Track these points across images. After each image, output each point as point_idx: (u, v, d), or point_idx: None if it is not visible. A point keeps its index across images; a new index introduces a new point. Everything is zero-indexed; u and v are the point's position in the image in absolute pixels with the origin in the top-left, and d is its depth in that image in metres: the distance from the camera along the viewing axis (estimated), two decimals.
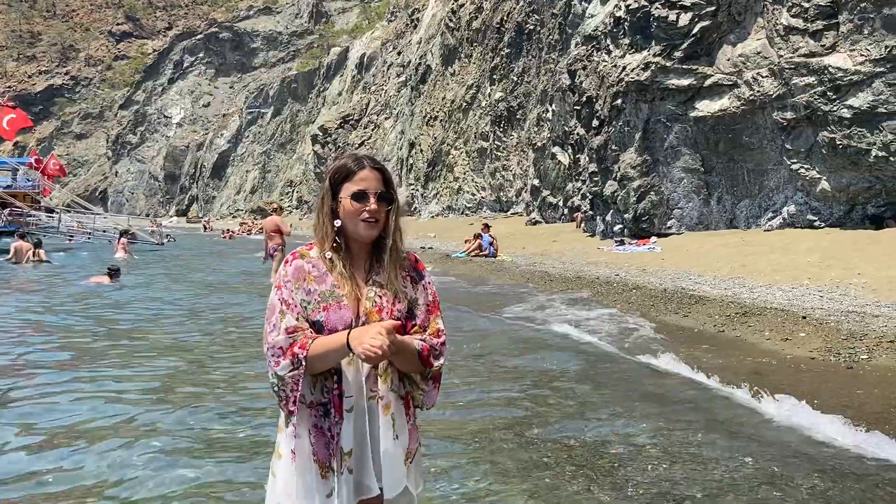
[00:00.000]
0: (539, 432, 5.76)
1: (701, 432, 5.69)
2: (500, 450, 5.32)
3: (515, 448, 5.37)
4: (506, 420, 6.09)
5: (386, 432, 2.53)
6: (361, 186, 2.59)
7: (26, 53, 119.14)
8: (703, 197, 20.71)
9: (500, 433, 5.72)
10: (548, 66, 35.83)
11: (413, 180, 52.77)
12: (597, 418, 6.13)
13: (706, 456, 5.16)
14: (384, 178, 2.64)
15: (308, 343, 2.49)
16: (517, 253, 22.89)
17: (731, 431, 5.74)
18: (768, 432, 5.76)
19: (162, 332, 10.81)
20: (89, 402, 6.68)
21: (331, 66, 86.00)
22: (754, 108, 19.04)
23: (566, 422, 6.05)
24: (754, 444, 5.43)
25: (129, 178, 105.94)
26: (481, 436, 5.66)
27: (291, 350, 2.49)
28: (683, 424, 5.92)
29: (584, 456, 5.21)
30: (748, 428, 5.85)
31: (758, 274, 13.84)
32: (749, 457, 5.12)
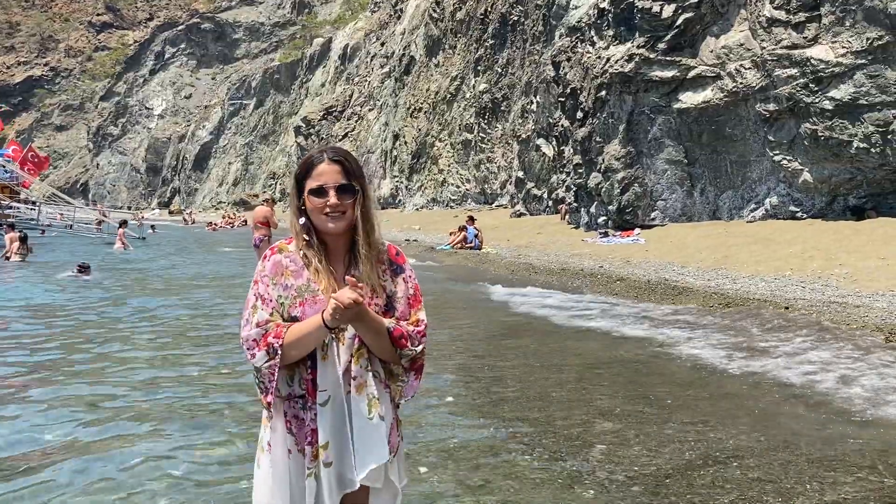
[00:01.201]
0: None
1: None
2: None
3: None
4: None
5: (361, 414, 2.51)
6: (320, 182, 2.57)
7: (4, 44, 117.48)
8: (686, 188, 20.81)
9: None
10: (532, 57, 35.81)
11: (397, 172, 52.64)
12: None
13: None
14: (345, 169, 2.60)
15: (283, 331, 2.49)
16: (502, 245, 22.91)
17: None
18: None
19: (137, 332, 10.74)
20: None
21: (314, 57, 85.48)
22: (737, 99, 19.13)
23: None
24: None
25: (110, 171, 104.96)
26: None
27: (265, 340, 2.49)
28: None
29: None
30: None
31: (741, 265, 13.93)
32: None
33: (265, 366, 2.50)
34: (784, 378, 6.88)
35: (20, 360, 8.26)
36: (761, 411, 5.95)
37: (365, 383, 2.54)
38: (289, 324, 2.51)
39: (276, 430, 2.57)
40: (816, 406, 6.04)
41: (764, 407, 6.07)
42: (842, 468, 4.63)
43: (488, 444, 5.29)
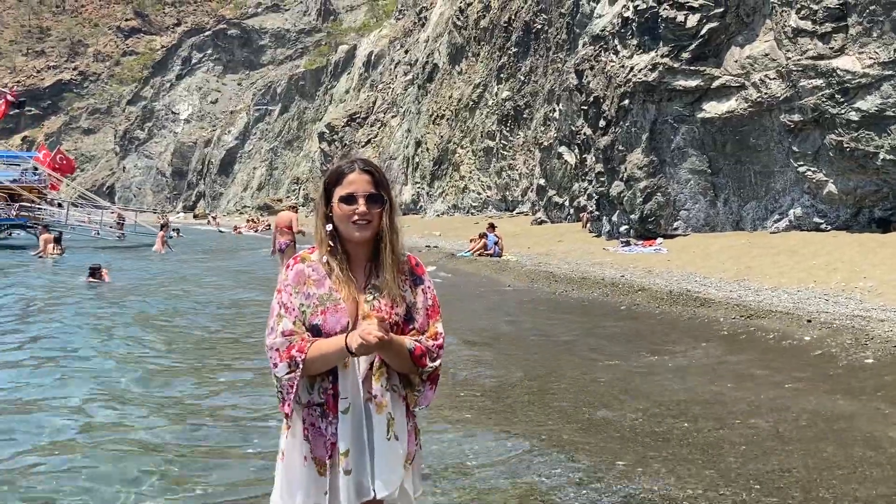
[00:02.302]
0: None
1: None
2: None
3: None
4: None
5: (380, 431, 2.55)
6: (350, 190, 2.61)
7: (35, 48, 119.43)
8: (709, 198, 20.68)
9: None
10: (555, 65, 35.78)
11: (419, 179, 52.77)
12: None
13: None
14: (374, 180, 2.64)
15: (306, 346, 2.53)
16: (522, 253, 22.88)
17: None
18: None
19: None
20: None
21: (338, 64, 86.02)
22: (762, 110, 19.00)
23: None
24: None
25: (136, 174, 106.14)
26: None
27: (289, 352, 2.53)
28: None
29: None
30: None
31: (763, 276, 13.82)
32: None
33: (286, 377, 2.55)
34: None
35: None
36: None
37: (385, 403, 2.58)
38: (314, 339, 2.55)
39: (295, 437, 2.62)
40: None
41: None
42: None
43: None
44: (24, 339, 10.02)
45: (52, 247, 23.84)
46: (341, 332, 2.54)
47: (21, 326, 11.06)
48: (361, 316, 2.57)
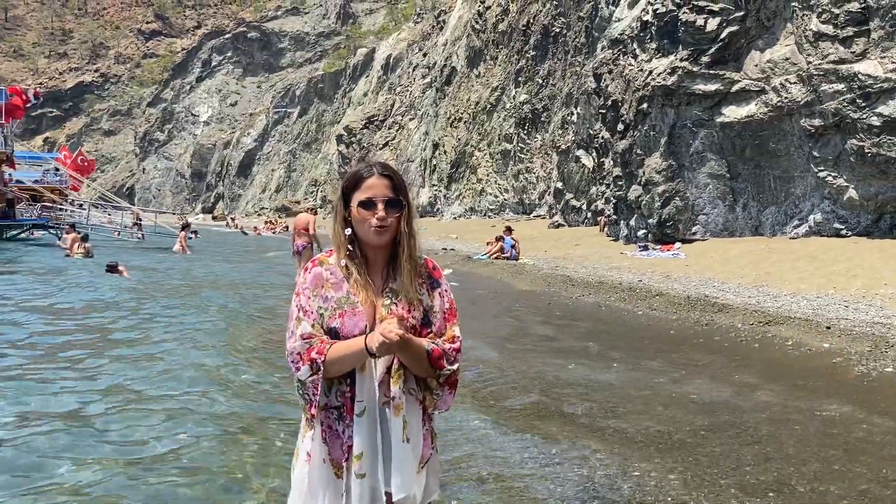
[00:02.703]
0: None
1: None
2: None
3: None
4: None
5: (397, 434, 2.56)
6: (369, 194, 2.61)
7: (58, 50, 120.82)
8: (728, 203, 20.55)
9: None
10: (573, 69, 35.73)
11: (436, 181, 52.84)
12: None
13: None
14: (393, 185, 2.64)
15: (325, 348, 2.54)
16: (539, 256, 22.85)
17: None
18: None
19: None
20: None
21: (357, 67, 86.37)
22: (782, 114, 18.86)
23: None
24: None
25: (156, 175, 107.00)
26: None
27: (309, 355, 2.55)
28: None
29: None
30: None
31: (782, 282, 13.72)
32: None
33: (309, 380, 2.56)
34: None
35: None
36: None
37: (402, 405, 2.59)
38: (332, 341, 2.56)
39: (314, 440, 2.63)
40: None
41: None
42: None
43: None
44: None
45: (78, 245, 24.24)
46: (359, 335, 2.56)
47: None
48: (379, 319, 2.59)
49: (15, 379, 7.22)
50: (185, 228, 32.60)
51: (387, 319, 2.50)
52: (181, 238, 31.01)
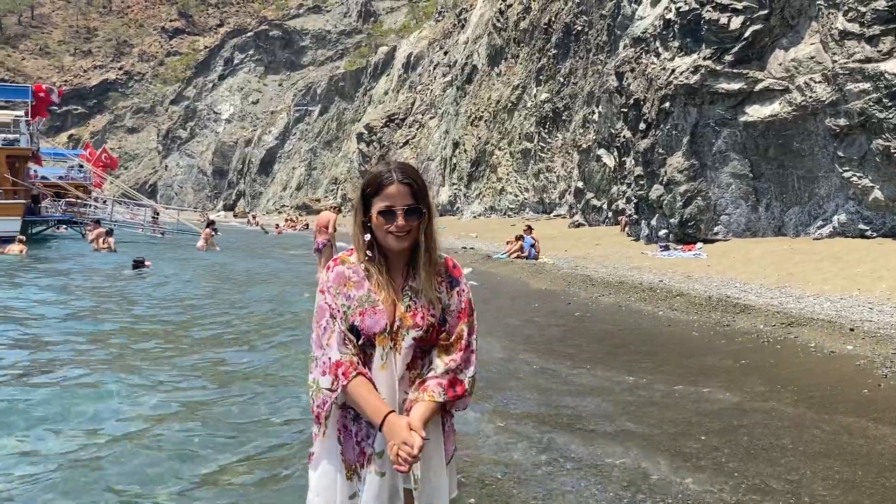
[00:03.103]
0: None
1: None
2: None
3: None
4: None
5: None
6: (388, 203, 2.60)
7: (82, 48, 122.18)
8: (751, 203, 20.36)
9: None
10: (595, 67, 35.55)
11: (456, 180, 52.80)
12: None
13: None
14: (413, 191, 2.63)
15: (351, 375, 2.55)
16: (559, 255, 22.77)
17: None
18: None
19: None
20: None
21: (378, 65, 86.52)
22: (806, 114, 18.64)
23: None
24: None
25: (178, 173, 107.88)
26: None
27: (335, 371, 2.56)
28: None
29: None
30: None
31: (805, 283, 13.57)
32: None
33: (325, 390, 2.56)
34: None
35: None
36: None
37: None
38: (360, 369, 2.56)
39: (329, 439, 2.64)
40: None
41: None
42: None
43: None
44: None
45: (103, 240, 24.64)
46: (380, 333, 2.57)
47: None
48: (399, 317, 2.59)
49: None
50: (210, 226, 32.83)
51: (414, 436, 2.45)
52: (205, 235, 31.24)
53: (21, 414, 6.15)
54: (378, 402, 2.53)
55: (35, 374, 7.68)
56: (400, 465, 2.41)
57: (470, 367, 2.66)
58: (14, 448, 5.43)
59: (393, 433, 2.44)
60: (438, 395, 2.57)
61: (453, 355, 2.62)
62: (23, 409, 6.29)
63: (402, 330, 2.59)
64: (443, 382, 2.58)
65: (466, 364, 2.65)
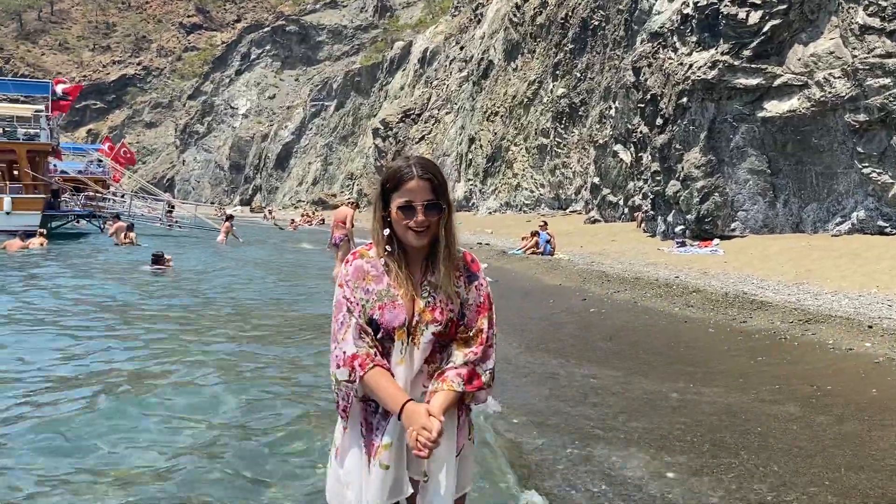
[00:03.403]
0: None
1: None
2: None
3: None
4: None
5: None
6: (408, 198, 2.60)
7: (101, 44, 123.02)
8: (768, 199, 20.22)
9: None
10: (612, 62, 35.38)
11: (471, 175, 52.75)
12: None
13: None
14: (433, 187, 2.63)
15: (368, 366, 2.56)
16: (575, 251, 22.72)
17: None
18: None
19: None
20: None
21: (394, 61, 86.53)
22: (825, 109, 18.48)
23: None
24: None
25: (195, 167, 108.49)
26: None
27: (352, 363, 2.57)
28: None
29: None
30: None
31: (824, 280, 13.47)
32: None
33: (344, 382, 2.59)
34: None
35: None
36: None
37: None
38: (378, 361, 2.57)
39: (352, 430, 2.66)
40: None
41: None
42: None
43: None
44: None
45: (125, 235, 24.88)
46: (399, 328, 2.58)
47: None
48: (418, 312, 2.60)
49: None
50: (229, 220, 32.99)
51: (433, 422, 2.46)
52: (225, 228, 31.39)
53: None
54: (396, 390, 2.54)
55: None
56: (420, 451, 2.41)
57: (488, 361, 2.66)
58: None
59: (412, 419, 2.45)
60: (458, 385, 2.58)
61: (473, 348, 2.63)
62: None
63: (420, 325, 2.59)
64: (462, 373, 2.59)
65: (485, 358, 2.65)
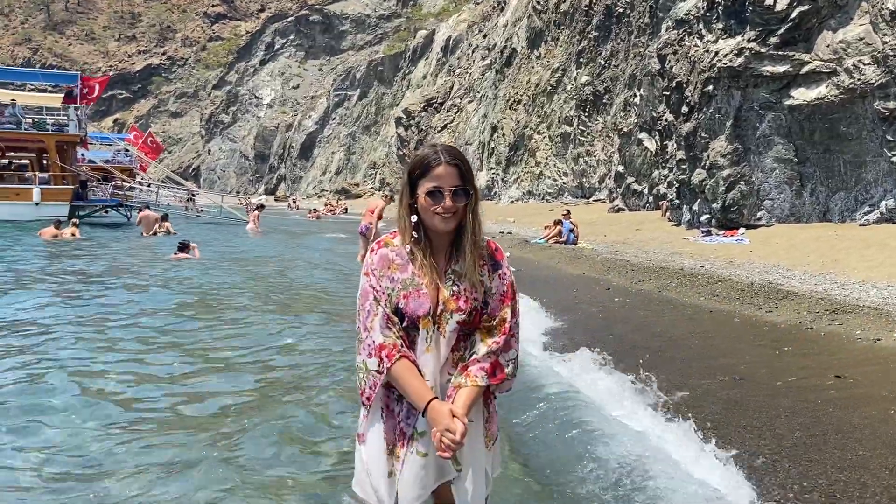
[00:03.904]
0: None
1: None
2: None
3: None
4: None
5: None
6: (436, 183, 2.62)
7: (127, 34, 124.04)
8: (795, 188, 20.00)
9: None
10: (637, 49, 35.09)
11: (494, 164, 52.63)
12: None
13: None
14: (460, 173, 2.65)
15: (394, 357, 2.58)
16: (598, 241, 22.63)
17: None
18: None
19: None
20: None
21: (417, 49, 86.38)
22: (854, 97, 18.22)
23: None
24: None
25: (220, 157, 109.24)
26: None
27: (380, 353, 2.60)
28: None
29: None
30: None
31: (851, 270, 13.32)
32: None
33: (373, 372, 2.62)
34: None
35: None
36: None
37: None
38: (403, 352, 2.60)
39: (375, 415, 2.69)
40: None
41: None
42: None
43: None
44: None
45: (159, 224, 25.17)
46: (423, 316, 2.60)
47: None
48: (442, 301, 2.61)
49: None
50: (260, 209, 33.20)
51: (457, 424, 2.48)
52: (254, 216, 31.59)
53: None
54: (422, 386, 2.55)
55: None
56: (444, 452, 2.44)
57: (511, 351, 2.68)
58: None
59: (436, 420, 2.48)
60: (481, 380, 2.59)
61: (496, 338, 2.64)
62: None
63: (445, 314, 2.61)
64: (485, 366, 2.60)
65: (507, 347, 2.66)
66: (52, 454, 5.00)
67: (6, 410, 5.82)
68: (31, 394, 6.27)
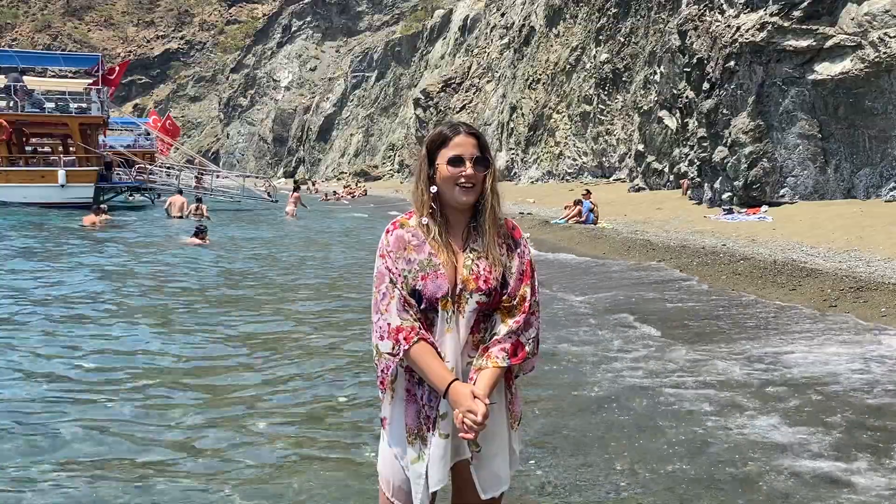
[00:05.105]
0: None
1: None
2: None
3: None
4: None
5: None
6: (457, 151, 2.61)
7: (145, 19, 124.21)
8: (819, 165, 19.72)
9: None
10: (657, 26, 34.64)
11: (513, 145, 52.37)
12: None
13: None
14: (480, 144, 2.65)
15: (413, 340, 2.55)
16: (618, 220, 22.50)
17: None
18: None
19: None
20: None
21: (434, 29, 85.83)
22: (880, 70, 17.88)
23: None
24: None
25: (239, 140, 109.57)
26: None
27: (396, 335, 2.56)
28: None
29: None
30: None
31: (876, 247, 13.15)
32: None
33: (386, 354, 2.59)
34: None
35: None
36: None
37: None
38: (422, 334, 2.56)
39: (395, 401, 2.68)
40: None
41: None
42: None
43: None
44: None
45: (196, 207, 25.50)
46: (442, 298, 2.58)
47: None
48: (461, 280, 2.59)
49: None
50: (297, 190, 32.56)
51: (478, 404, 2.46)
52: (294, 199, 30.88)
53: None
54: (442, 369, 2.53)
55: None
56: (466, 434, 2.44)
57: (531, 329, 2.65)
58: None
59: (458, 402, 2.46)
60: (502, 361, 2.57)
61: (516, 317, 2.62)
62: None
63: (464, 294, 2.59)
64: (506, 347, 2.58)
65: (528, 326, 2.63)
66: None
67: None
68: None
